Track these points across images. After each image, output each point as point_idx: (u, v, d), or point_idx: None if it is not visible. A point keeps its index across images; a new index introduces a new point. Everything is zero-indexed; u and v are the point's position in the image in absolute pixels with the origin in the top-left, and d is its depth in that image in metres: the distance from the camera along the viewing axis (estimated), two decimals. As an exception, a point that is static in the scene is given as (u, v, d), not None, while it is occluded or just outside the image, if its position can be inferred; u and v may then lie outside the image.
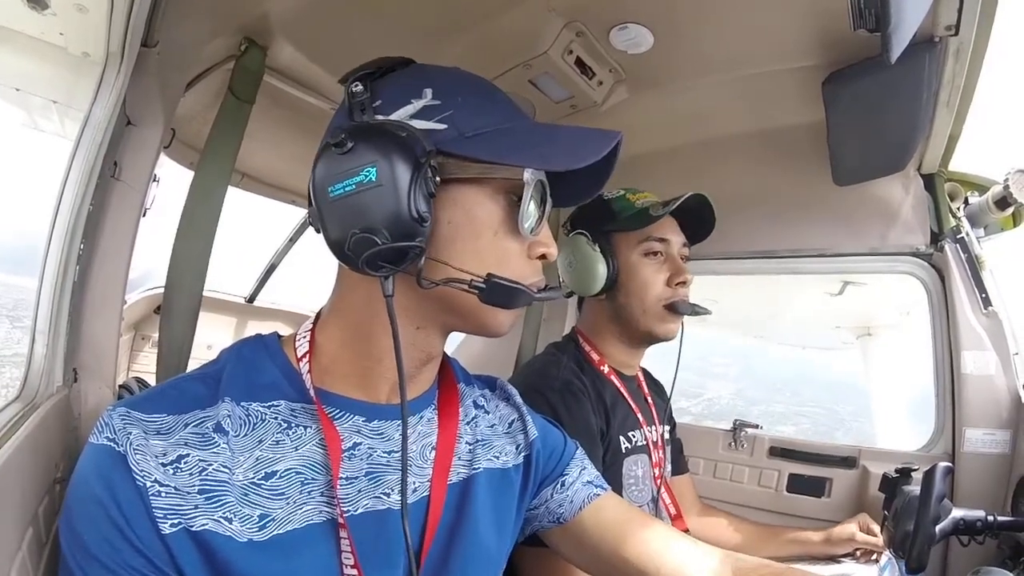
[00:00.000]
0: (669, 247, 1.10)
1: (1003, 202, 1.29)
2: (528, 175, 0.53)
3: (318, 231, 0.52)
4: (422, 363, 0.61)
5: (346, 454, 0.55)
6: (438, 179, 0.51)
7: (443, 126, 0.53)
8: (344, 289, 0.58)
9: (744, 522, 1.34)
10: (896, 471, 1.07)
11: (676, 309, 1.09)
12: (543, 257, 0.60)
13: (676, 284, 1.09)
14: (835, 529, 1.24)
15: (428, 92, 0.54)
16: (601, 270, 1.08)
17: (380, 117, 0.53)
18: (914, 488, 0.94)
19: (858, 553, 1.24)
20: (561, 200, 0.63)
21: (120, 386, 1.41)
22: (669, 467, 1.22)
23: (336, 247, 0.50)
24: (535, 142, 0.56)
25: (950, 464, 0.90)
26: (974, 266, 1.34)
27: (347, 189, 0.49)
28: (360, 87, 0.53)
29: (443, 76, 0.57)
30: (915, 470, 1.06)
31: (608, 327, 1.15)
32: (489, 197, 0.55)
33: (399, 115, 0.53)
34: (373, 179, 0.48)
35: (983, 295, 1.32)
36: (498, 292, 0.54)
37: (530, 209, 0.55)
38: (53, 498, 0.58)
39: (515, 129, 0.57)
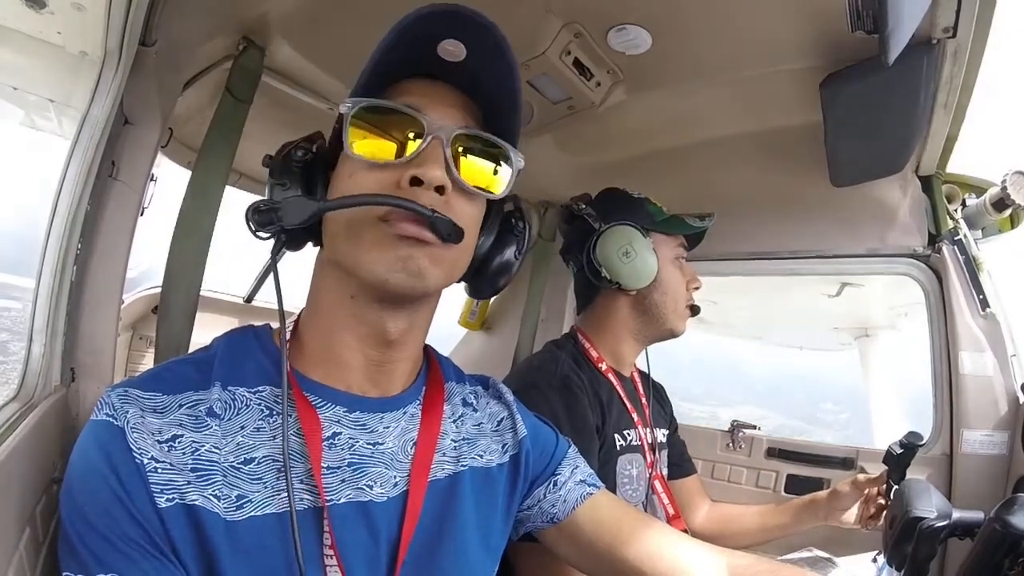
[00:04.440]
0: (685, 253, 1.21)
1: (1001, 204, 1.29)
2: (344, 107, 0.56)
3: None
4: (377, 344, 0.59)
5: (326, 443, 0.55)
6: (314, 148, 0.59)
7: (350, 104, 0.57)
8: (311, 279, 0.62)
9: (753, 507, 1.32)
10: (901, 444, 1.05)
11: (695, 310, 1.19)
12: (417, 181, 0.54)
13: (693, 288, 1.19)
14: (836, 485, 1.20)
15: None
16: (654, 265, 1.11)
17: None
18: (914, 496, 0.88)
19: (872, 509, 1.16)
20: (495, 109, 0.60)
21: (117, 386, 1.39)
22: (665, 470, 1.23)
23: None
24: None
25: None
26: (972, 268, 1.34)
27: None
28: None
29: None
30: (921, 445, 1.05)
31: (626, 323, 1.17)
32: (360, 139, 0.57)
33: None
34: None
35: (981, 297, 1.33)
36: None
37: (361, 131, 0.56)
38: (51, 498, 0.58)
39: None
